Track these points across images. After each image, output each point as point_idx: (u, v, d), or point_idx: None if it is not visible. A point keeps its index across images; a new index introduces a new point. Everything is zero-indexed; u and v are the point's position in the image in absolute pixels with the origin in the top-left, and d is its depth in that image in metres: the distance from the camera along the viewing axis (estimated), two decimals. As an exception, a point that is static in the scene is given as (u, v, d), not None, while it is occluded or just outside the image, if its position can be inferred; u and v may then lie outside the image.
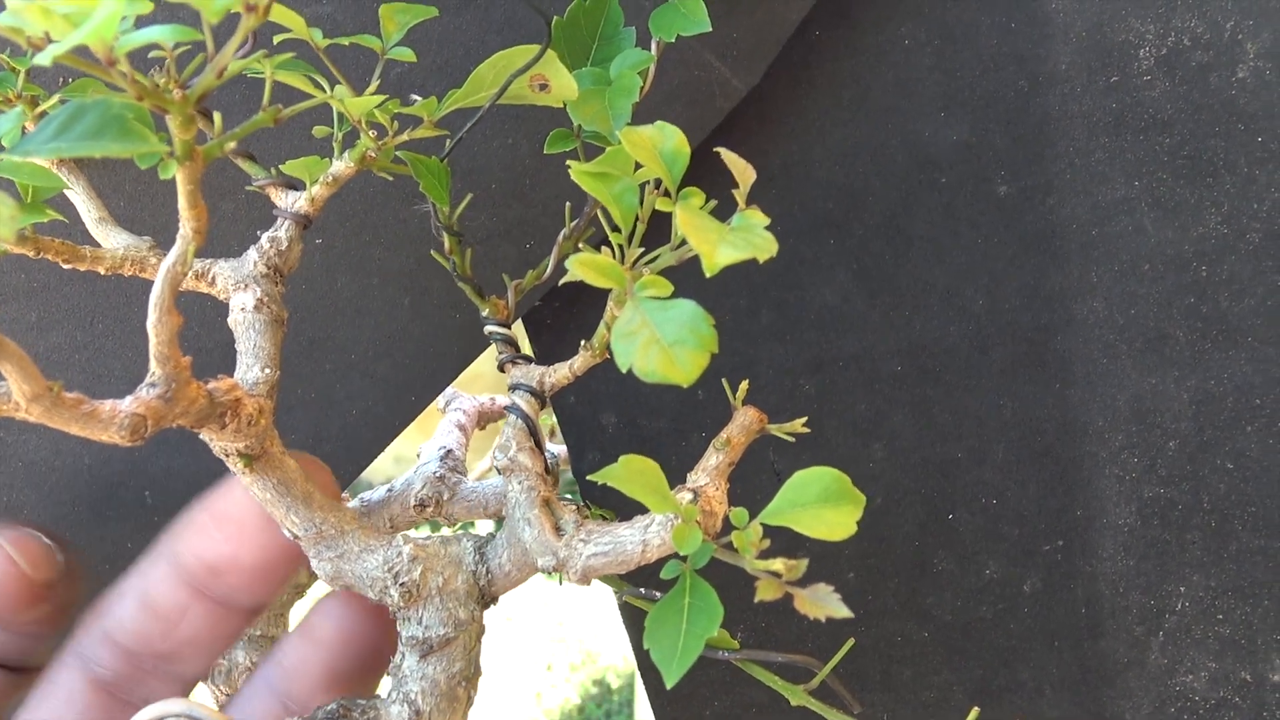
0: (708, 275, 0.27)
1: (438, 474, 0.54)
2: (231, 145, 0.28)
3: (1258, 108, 0.47)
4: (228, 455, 0.34)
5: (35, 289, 0.46)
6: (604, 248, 0.31)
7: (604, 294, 0.32)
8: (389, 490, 0.55)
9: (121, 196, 0.46)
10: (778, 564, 0.28)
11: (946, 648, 0.53)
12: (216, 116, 0.30)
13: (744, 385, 0.36)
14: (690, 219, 0.28)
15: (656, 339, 0.27)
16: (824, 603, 0.27)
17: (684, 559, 0.31)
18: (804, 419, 0.36)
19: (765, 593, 0.28)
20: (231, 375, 0.36)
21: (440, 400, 0.65)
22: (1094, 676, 0.53)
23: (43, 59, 0.22)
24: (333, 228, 0.47)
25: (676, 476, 0.53)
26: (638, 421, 0.54)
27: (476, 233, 0.48)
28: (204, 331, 0.48)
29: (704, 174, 0.47)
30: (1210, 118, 0.48)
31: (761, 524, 0.31)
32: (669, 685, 0.28)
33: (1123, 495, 0.51)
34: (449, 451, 0.55)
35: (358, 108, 0.34)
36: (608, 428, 0.54)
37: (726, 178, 0.33)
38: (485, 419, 0.64)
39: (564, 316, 0.53)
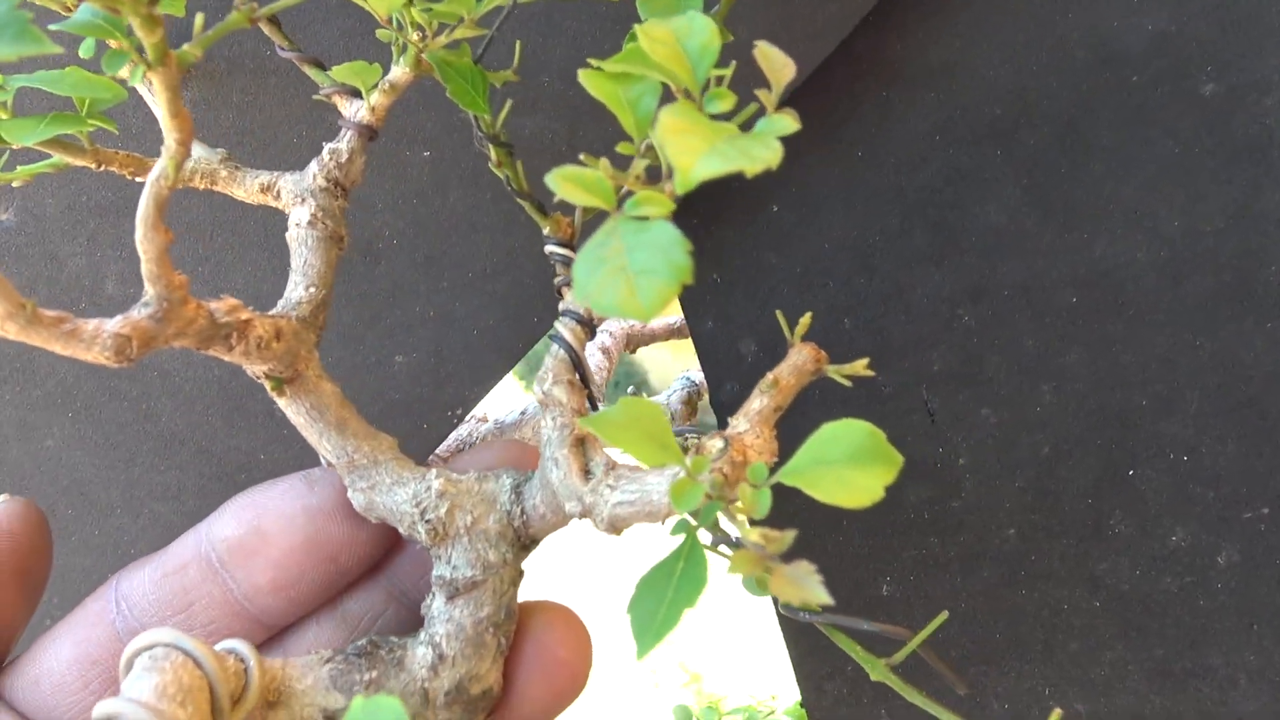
0: (679, 192, 0.23)
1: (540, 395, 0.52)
2: (199, 52, 0.26)
3: None
4: (258, 377, 0.33)
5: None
6: (601, 160, 0.27)
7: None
8: (522, 413, 0.53)
9: (200, 112, 0.45)
10: (755, 534, 0.24)
11: (1121, 621, 0.46)
12: (198, 18, 0.28)
13: (804, 320, 0.31)
14: (674, 123, 0.23)
15: (624, 266, 0.23)
16: (802, 583, 0.23)
17: (693, 518, 0.27)
18: (865, 360, 0.31)
19: (739, 566, 0.24)
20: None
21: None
22: (1301, 669, 0.44)
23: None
24: (441, 140, 0.45)
25: (817, 410, 0.49)
26: (778, 350, 0.49)
27: (595, 141, 0.45)
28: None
29: (839, 78, 0.42)
30: None
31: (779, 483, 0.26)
32: (639, 658, 0.25)
33: (1347, 459, 0.42)
34: (585, 375, 0.53)
35: (383, 8, 0.31)
36: (747, 357, 0.50)
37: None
38: (635, 342, 0.61)
39: (697, 236, 0.49)
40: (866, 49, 0.44)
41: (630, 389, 0.66)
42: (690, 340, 0.53)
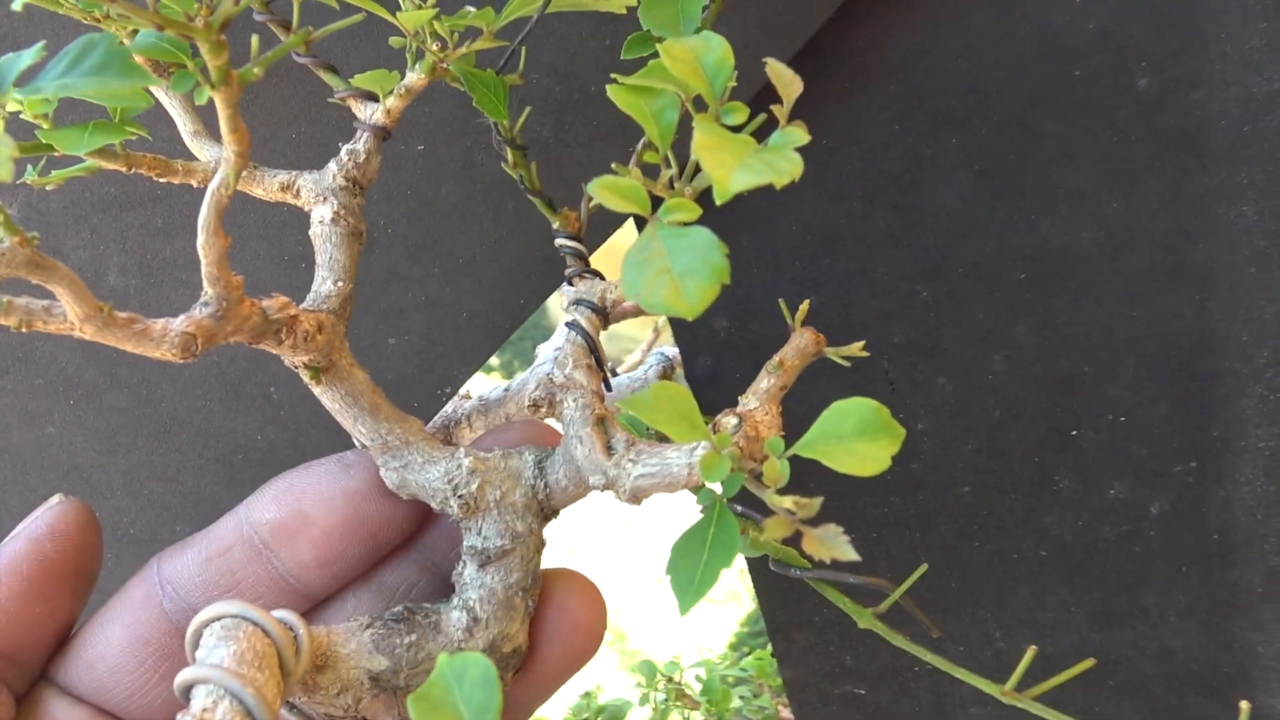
0: (718, 203, 0.26)
1: (551, 374, 0.54)
2: (260, 71, 0.28)
3: None
4: (296, 367, 0.36)
5: (160, 196, 0.48)
6: (632, 169, 0.30)
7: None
8: (506, 390, 0.56)
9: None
10: (788, 501, 0.27)
11: (1065, 568, 0.51)
12: (254, 39, 0.30)
13: (804, 306, 0.35)
14: (708, 139, 0.26)
15: (668, 268, 0.26)
16: (831, 543, 0.26)
17: (718, 488, 0.30)
18: (861, 343, 0.35)
19: (774, 530, 0.27)
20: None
21: (564, 299, 0.65)
22: (1225, 606, 0.49)
23: (16, 4, 0.22)
24: (434, 134, 0.48)
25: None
26: (749, 325, 0.53)
27: (579, 136, 0.48)
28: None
29: (806, 72, 0.45)
30: (1388, -2, 0.42)
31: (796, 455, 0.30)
32: (682, 614, 0.28)
33: (1265, 416, 0.47)
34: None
35: (411, 21, 0.34)
36: (719, 332, 0.53)
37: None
38: (614, 317, 0.64)
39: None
40: (831, 46, 0.48)
41: (610, 365, 0.69)
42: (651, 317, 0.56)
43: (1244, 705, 0.31)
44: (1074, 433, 0.49)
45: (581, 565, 0.39)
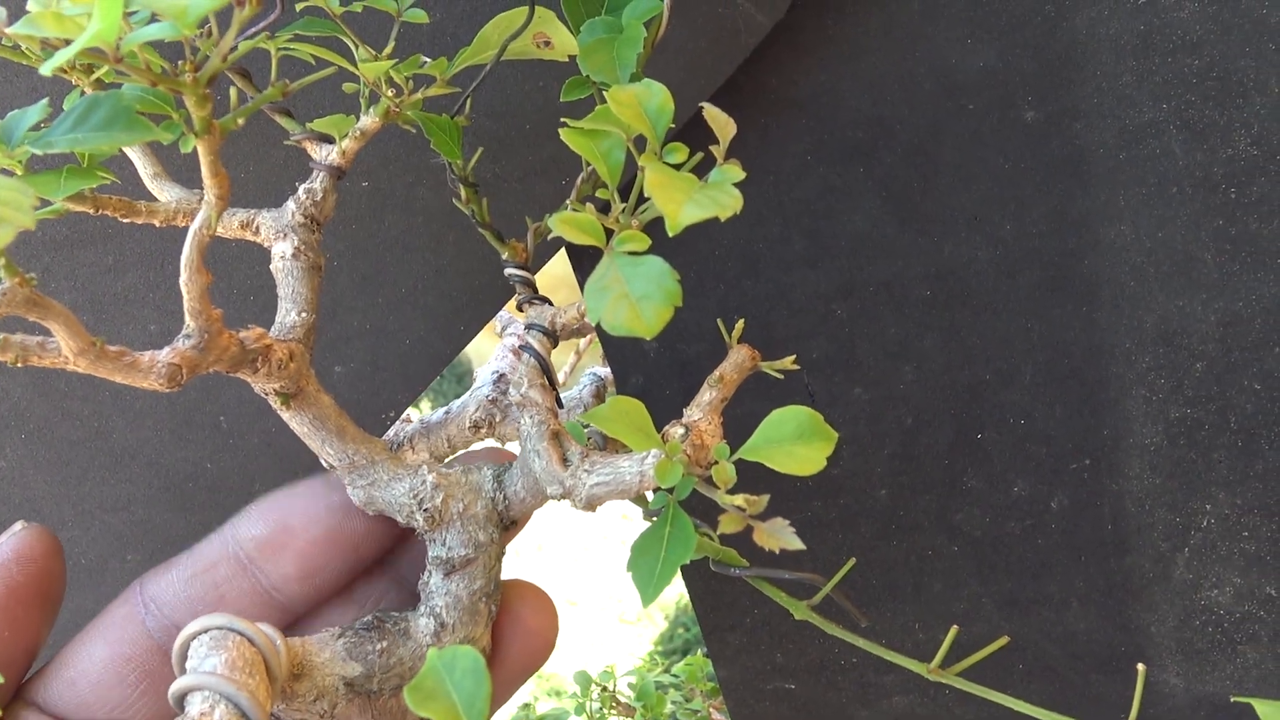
0: (670, 234, 0.29)
1: (490, 397, 0.57)
2: (242, 120, 0.31)
3: (1290, 26, 0.47)
4: (267, 394, 0.38)
5: (110, 234, 0.50)
6: (587, 204, 0.33)
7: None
8: (446, 412, 0.58)
9: (176, 153, 0.49)
10: (739, 499, 0.30)
11: (976, 562, 0.55)
12: (232, 91, 0.32)
13: (739, 324, 0.38)
14: (658, 178, 0.30)
15: (626, 294, 0.29)
16: (780, 535, 0.30)
17: (670, 491, 0.34)
18: (793, 357, 0.38)
19: (727, 525, 0.30)
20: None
21: (497, 324, 0.68)
22: (1120, 591, 0.54)
23: (45, 69, 0.24)
24: (378, 171, 0.50)
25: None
26: (677, 346, 0.56)
27: (514, 171, 0.51)
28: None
29: (725, 108, 0.48)
30: (1240, 37, 0.47)
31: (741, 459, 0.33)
32: (645, 606, 0.31)
33: (1149, 416, 0.52)
34: (501, 375, 0.58)
35: (372, 71, 0.37)
36: (649, 352, 0.56)
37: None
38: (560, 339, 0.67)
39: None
40: (748, 84, 0.51)
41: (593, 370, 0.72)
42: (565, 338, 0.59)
43: (1140, 668, 0.35)
44: (979, 436, 0.54)
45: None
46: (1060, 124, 0.50)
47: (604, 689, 1.05)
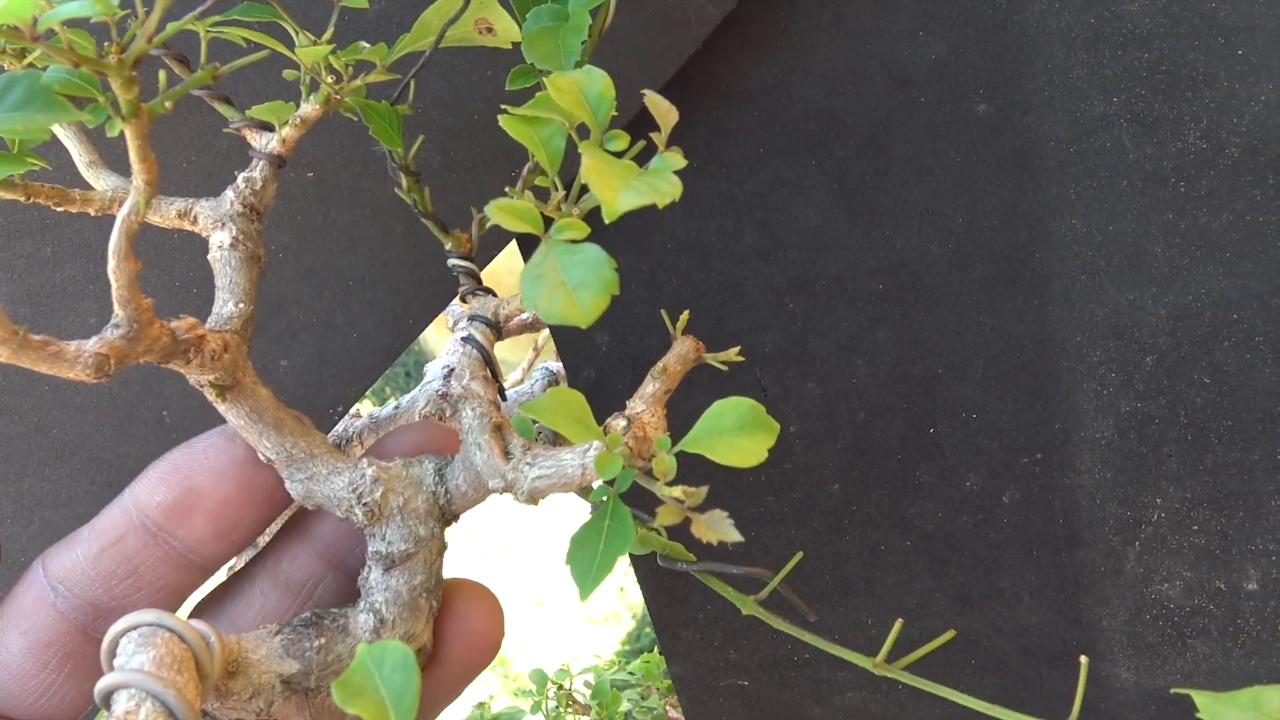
0: (606, 221, 0.28)
1: (440, 391, 0.57)
2: (169, 104, 0.30)
3: (1238, 20, 0.47)
4: (202, 386, 0.37)
5: (49, 225, 0.49)
6: (527, 193, 0.33)
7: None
8: (396, 406, 0.58)
9: (114, 142, 0.48)
10: (678, 491, 0.30)
11: (928, 556, 0.55)
12: (162, 74, 0.32)
13: (684, 316, 0.38)
14: (596, 164, 0.29)
15: (562, 281, 0.29)
16: (718, 527, 0.29)
17: (611, 484, 0.33)
18: (737, 349, 0.38)
19: (665, 517, 0.30)
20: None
21: (450, 318, 0.67)
22: (1071, 584, 0.54)
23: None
24: (324, 162, 0.49)
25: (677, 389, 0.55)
26: (629, 339, 0.56)
27: (463, 161, 0.50)
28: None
29: (676, 100, 0.48)
30: (1189, 31, 0.47)
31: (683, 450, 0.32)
32: (582, 600, 0.30)
33: (1100, 409, 0.52)
34: (452, 370, 0.58)
35: (309, 57, 0.36)
36: (601, 346, 0.56)
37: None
38: (505, 333, 0.66)
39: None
40: (699, 76, 0.51)
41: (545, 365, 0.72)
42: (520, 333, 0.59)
43: (1083, 660, 0.35)
44: (932, 430, 0.54)
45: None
46: (1011, 117, 0.50)
47: (560, 687, 1.04)
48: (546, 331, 0.82)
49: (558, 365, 0.67)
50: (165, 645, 0.33)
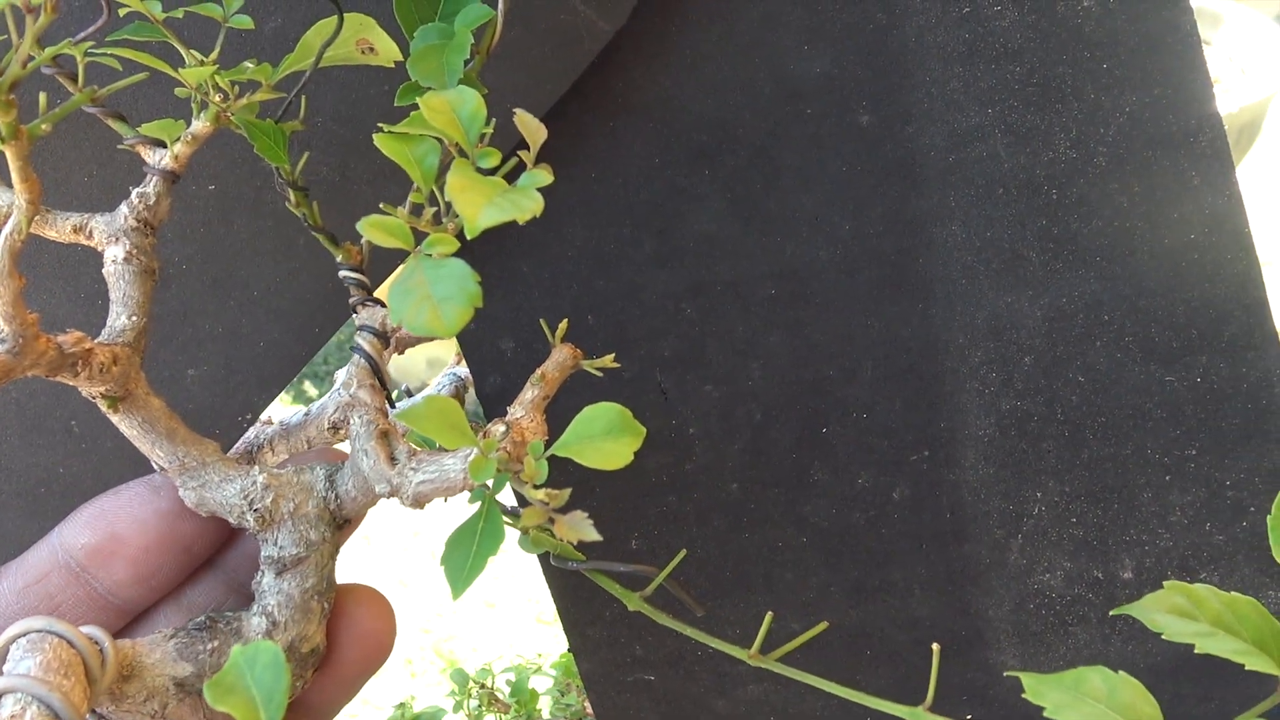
0: (469, 237, 0.30)
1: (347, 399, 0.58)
2: (47, 126, 0.31)
3: (1102, 35, 0.49)
4: (94, 397, 0.38)
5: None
6: (399, 209, 0.34)
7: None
8: (306, 414, 0.59)
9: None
10: (542, 493, 0.32)
11: (824, 552, 0.57)
12: (42, 96, 0.33)
13: (563, 325, 0.40)
14: (460, 182, 0.31)
15: (428, 295, 0.30)
16: (578, 527, 0.31)
17: (488, 487, 0.35)
18: (613, 354, 0.39)
19: (529, 519, 0.32)
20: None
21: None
22: (959, 577, 0.56)
23: None
24: (225, 174, 0.50)
25: (575, 395, 0.57)
26: (533, 345, 0.57)
27: (362, 175, 0.51)
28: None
29: (572, 112, 0.49)
30: (1058, 45, 0.50)
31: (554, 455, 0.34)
32: (454, 599, 0.32)
33: (982, 408, 0.54)
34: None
35: (193, 77, 0.37)
36: (506, 352, 0.57)
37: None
38: (402, 344, 0.68)
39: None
40: (594, 89, 0.53)
41: (404, 386, 0.73)
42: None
43: (935, 648, 0.37)
44: (825, 430, 0.55)
45: (413, 596, 0.42)
46: (893, 128, 0.52)
47: (482, 686, 1.06)
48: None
49: (465, 371, 0.69)
50: (54, 650, 0.34)
